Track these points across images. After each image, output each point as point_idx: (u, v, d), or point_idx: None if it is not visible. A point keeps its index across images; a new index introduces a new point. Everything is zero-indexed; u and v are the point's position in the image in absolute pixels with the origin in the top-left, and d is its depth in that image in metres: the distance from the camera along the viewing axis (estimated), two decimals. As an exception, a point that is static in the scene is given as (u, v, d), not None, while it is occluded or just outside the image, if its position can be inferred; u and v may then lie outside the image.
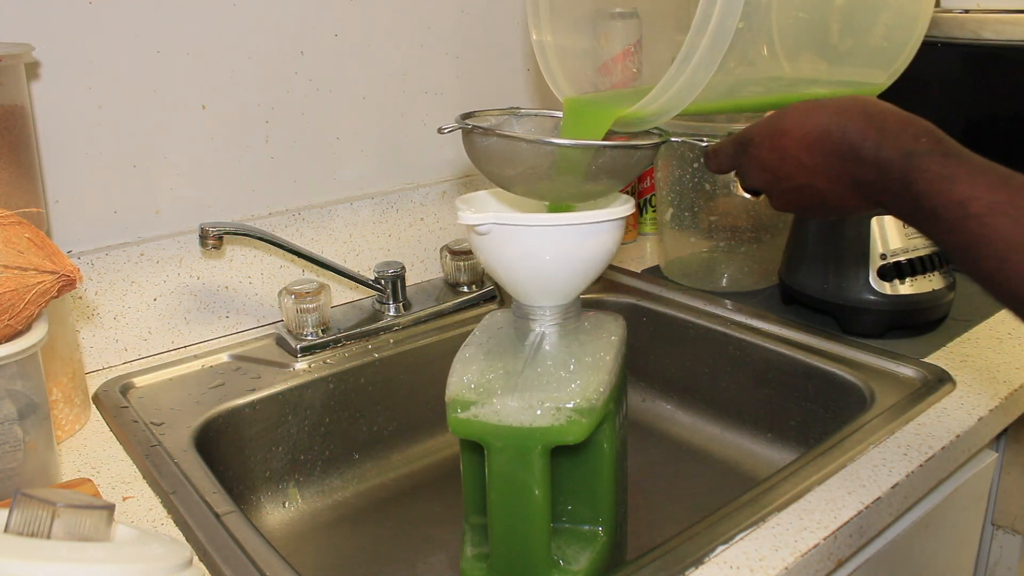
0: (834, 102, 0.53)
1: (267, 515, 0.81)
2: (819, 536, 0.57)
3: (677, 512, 0.82)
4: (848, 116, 0.51)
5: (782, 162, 0.53)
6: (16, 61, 0.69)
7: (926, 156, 0.47)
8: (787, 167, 0.53)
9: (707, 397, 0.95)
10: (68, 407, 0.73)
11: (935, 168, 0.46)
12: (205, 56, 0.86)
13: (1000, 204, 0.44)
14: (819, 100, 0.54)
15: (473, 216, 0.58)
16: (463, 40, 1.05)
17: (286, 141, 0.93)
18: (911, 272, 0.84)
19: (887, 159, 0.48)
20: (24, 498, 0.38)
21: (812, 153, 0.52)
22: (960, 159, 0.47)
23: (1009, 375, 0.77)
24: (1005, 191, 0.44)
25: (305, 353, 0.87)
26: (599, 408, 0.57)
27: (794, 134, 0.52)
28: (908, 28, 0.69)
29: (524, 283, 0.60)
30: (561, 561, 0.62)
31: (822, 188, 0.53)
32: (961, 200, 0.45)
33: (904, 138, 0.48)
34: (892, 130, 0.49)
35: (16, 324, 0.59)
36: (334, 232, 0.96)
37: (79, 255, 0.81)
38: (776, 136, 0.53)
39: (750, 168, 0.56)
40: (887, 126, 0.49)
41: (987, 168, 0.46)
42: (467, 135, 0.61)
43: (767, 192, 0.57)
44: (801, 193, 0.54)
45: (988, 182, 0.45)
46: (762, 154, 0.54)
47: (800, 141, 0.52)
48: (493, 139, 0.59)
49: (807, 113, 0.53)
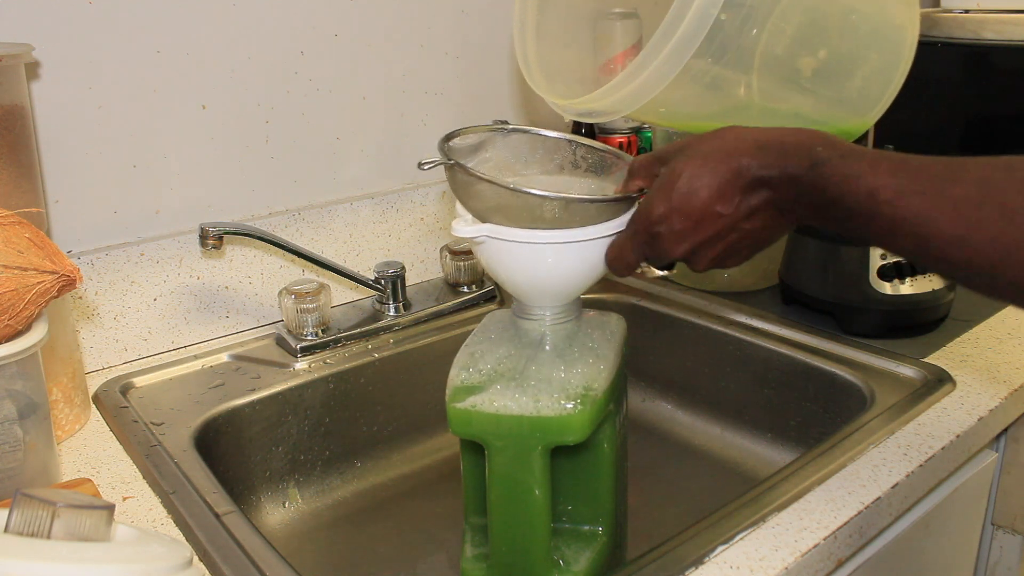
0: (716, 147, 0.53)
1: (267, 515, 0.81)
2: (819, 536, 0.57)
3: (677, 512, 0.82)
4: (743, 153, 0.52)
5: (700, 224, 0.53)
6: (16, 61, 0.69)
7: (827, 163, 0.50)
8: (706, 227, 0.53)
9: (707, 397, 0.95)
10: (68, 407, 0.73)
11: (839, 170, 0.49)
12: (205, 56, 0.86)
13: (906, 185, 0.47)
14: (699, 151, 0.54)
15: (468, 229, 0.57)
16: (463, 40, 1.05)
17: (286, 141, 0.93)
18: (911, 272, 0.84)
19: (796, 176, 0.51)
20: (24, 498, 0.38)
21: (726, 201, 0.52)
22: (857, 156, 0.49)
23: (1009, 375, 0.77)
24: (906, 173, 0.47)
25: (305, 353, 0.87)
26: (599, 405, 0.57)
27: (701, 194, 0.53)
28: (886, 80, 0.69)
29: (523, 289, 0.60)
30: (561, 561, 0.62)
31: (748, 228, 0.54)
32: (870, 191, 0.48)
33: (803, 151, 0.51)
34: (791, 148, 0.51)
35: (16, 324, 0.59)
36: (334, 232, 0.96)
37: (79, 255, 0.81)
38: (682, 204, 0.53)
39: (665, 246, 0.55)
40: (785, 147, 0.51)
41: (884, 157, 0.49)
42: (448, 170, 0.60)
43: (690, 260, 0.56)
44: (728, 243, 0.55)
45: (888, 169, 0.48)
46: (674, 228, 0.54)
47: (710, 198, 0.52)
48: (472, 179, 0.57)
49: (701, 169, 0.53)
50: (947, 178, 0.46)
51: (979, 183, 0.45)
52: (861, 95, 0.69)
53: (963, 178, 0.46)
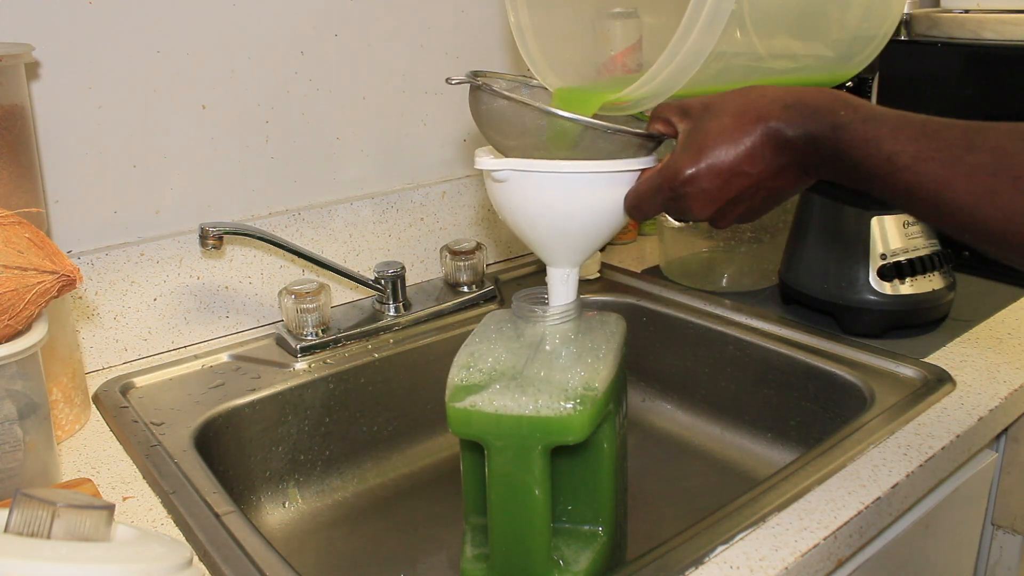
0: (744, 107, 0.54)
1: (267, 515, 0.81)
2: (819, 536, 0.57)
3: (677, 512, 0.82)
4: (771, 113, 0.53)
5: (727, 184, 0.54)
6: (16, 61, 0.69)
7: (849, 126, 0.51)
8: (733, 187, 0.54)
9: (707, 397, 0.95)
10: (68, 407, 0.73)
11: (859, 134, 0.50)
12: (205, 56, 0.85)
13: (923, 151, 0.48)
14: (727, 110, 0.54)
15: (491, 161, 0.57)
16: (463, 40, 1.04)
17: (286, 141, 0.93)
18: (911, 272, 0.84)
19: (818, 136, 0.52)
20: (24, 498, 0.38)
21: (756, 161, 0.54)
22: (879, 120, 0.50)
23: (1009, 375, 0.77)
24: (925, 139, 0.48)
25: (305, 353, 0.87)
26: (599, 405, 0.57)
27: (731, 154, 0.53)
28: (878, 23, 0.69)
29: (542, 233, 0.60)
30: (561, 561, 0.62)
31: (772, 186, 0.55)
32: (888, 156, 0.49)
33: (825, 113, 0.52)
34: (813, 109, 0.52)
35: (16, 324, 0.59)
36: (334, 232, 0.96)
37: (79, 255, 0.81)
38: (711, 165, 0.54)
39: (692, 205, 0.56)
40: (808, 108, 0.52)
41: (905, 122, 0.50)
42: (474, 92, 0.60)
43: (714, 219, 0.57)
44: (753, 201, 0.56)
45: (908, 135, 0.49)
46: (702, 188, 0.55)
47: (740, 158, 0.53)
48: (498, 101, 0.58)
49: (730, 130, 0.54)
50: (964, 145, 0.47)
51: (994, 152, 0.46)
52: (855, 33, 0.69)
53: (980, 145, 0.47)
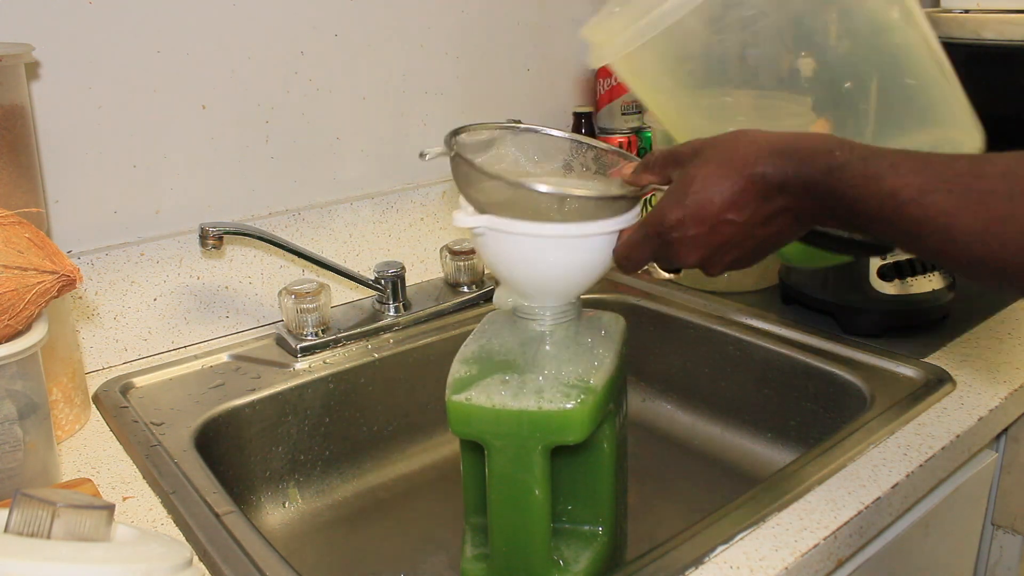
0: (731, 153, 0.52)
1: (267, 515, 0.81)
2: (819, 536, 0.57)
3: (677, 512, 0.82)
4: (758, 159, 0.51)
5: (714, 231, 0.53)
6: (16, 61, 0.69)
7: (846, 166, 0.49)
8: (721, 234, 0.53)
9: (707, 397, 0.95)
10: (68, 407, 0.73)
11: (858, 172, 0.48)
12: (205, 56, 0.85)
13: (929, 183, 0.46)
14: (714, 156, 0.53)
15: (469, 219, 0.57)
16: (463, 40, 1.04)
17: (286, 141, 0.93)
18: (911, 272, 0.84)
19: (812, 180, 0.50)
20: (24, 498, 0.38)
21: (740, 209, 0.52)
22: (879, 156, 0.48)
23: (1009, 375, 0.77)
24: (929, 171, 0.47)
25: (305, 353, 0.87)
26: (599, 404, 0.57)
27: (715, 201, 0.52)
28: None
29: (522, 284, 0.60)
30: (561, 561, 0.62)
31: (763, 235, 0.53)
32: (891, 191, 0.47)
33: (820, 155, 0.50)
34: (806, 153, 0.50)
35: (16, 324, 0.59)
36: (334, 232, 0.96)
37: (79, 255, 0.81)
38: (696, 211, 0.52)
39: (679, 252, 0.55)
40: (800, 152, 0.50)
41: (906, 156, 0.48)
42: (452, 162, 0.59)
43: (703, 266, 0.56)
44: (743, 249, 0.54)
45: (911, 168, 0.47)
46: (688, 235, 0.53)
47: (724, 205, 0.52)
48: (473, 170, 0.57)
49: (716, 176, 0.52)
50: (972, 173, 0.45)
51: (1005, 177, 0.44)
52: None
53: (989, 172, 0.45)
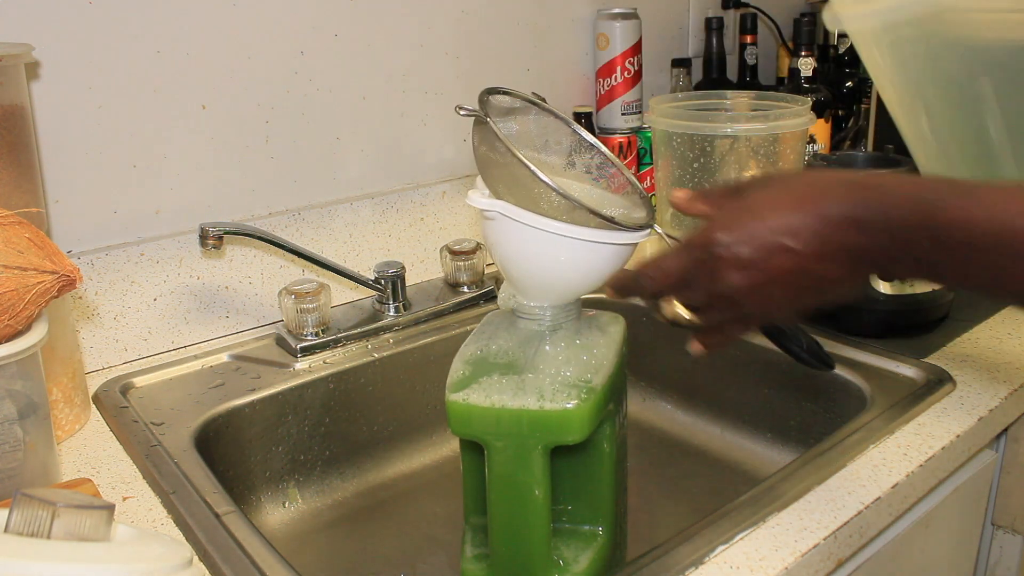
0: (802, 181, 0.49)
1: (267, 515, 0.81)
2: (819, 536, 0.57)
3: (677, 512, 0.82)
4: (830, 191, 0.48)
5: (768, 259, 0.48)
6: (16, 61, 0.69)
7: (944, 198, 0.45)
8: (775, 263, 0.48)
9: (707, 397, 0.95)
10: (68, 407, 0.73)
11: (956, 202, 0.45)
12: (205, 56, 0.85)
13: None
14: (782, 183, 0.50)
15: (483, 200, 0.56)
16: (463, 40, 1.05)
17: (286, 141, 0.93)
18: (911, 272, 0.84)
19: (898, 217, 0.46)
20: (24, 498, 0.38)
21: (799, 236, 0.47)
22: (975, 185, 0.45)
23: (1009, 375, 0.77)
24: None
25: (305, 353, 0.87)
26: (599, 404, 0.57)
27: (775, 224, 0.48)
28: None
29: (519, 277, 0.60)
30: (561, 561, 0.62)
31: (818, 272, 0.48)
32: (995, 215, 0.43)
33: (906, 194, 0.46)
34: (890, 189, 0.47)
35: (16, 324, 0.59)
36: (334, 232, 0.96)
37: (79, 255, 0.81)
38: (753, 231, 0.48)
39: (721, 271, 0.50)
40: (884, 188, 0.47)
41: (1004, 185, 0.44)
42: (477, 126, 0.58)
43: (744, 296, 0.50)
44: (791, 288, 0.49)
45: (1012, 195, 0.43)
46: (738, 253, 0.49)
47: (783, 229, 0.48)
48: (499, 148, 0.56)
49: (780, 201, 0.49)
50: None
51: None
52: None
53: None
